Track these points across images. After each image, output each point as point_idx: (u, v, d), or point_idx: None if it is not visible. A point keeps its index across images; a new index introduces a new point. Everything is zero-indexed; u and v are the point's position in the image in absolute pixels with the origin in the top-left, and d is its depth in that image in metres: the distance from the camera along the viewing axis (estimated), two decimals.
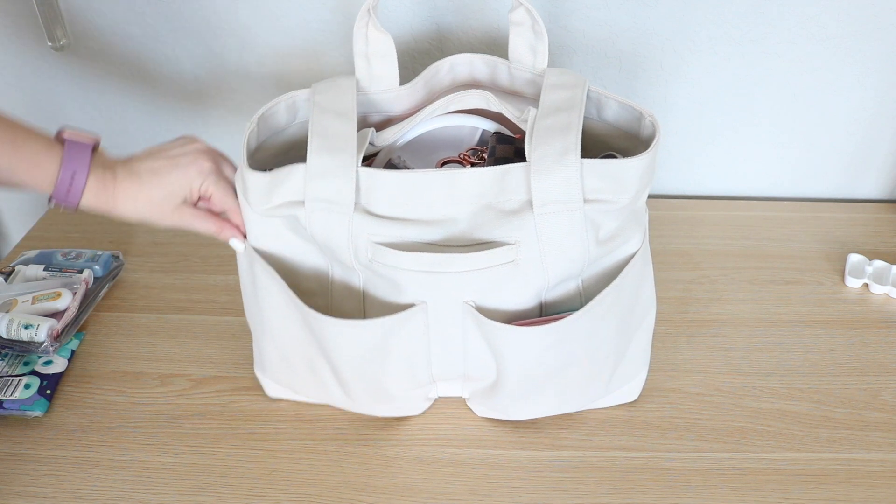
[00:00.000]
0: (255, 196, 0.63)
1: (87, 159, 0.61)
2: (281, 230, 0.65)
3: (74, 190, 0.60)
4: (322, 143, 0.61)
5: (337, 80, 0.67)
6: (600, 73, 0.97)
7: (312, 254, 0.67)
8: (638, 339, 0.71)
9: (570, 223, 0.61)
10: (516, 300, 0.65)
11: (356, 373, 0.67)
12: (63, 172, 0.60)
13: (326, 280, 0.68)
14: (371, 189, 0.61)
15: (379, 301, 0.66)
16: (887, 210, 1.03)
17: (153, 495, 0.67)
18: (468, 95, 0.68)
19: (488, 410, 0.73)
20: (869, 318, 0.85)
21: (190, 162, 0.65)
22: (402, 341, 0.65)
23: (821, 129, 1.01)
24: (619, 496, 0.66)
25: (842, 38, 0.94)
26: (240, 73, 1.00)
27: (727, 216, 1.02)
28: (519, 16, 0.68)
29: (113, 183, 0.62)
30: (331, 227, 0.62)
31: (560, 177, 0.59)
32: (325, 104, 0.64)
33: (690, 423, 0.73)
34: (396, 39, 0.95)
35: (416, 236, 0.62)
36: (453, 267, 0.61)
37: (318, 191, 0.61)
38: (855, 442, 0.71)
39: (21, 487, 0.67)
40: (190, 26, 0.96)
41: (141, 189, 0.63)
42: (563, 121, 0.61)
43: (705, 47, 0.95)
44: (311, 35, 0.96)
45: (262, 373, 0.74)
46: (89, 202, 0.62)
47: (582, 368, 0.67)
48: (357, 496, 0.66)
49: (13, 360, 0.78)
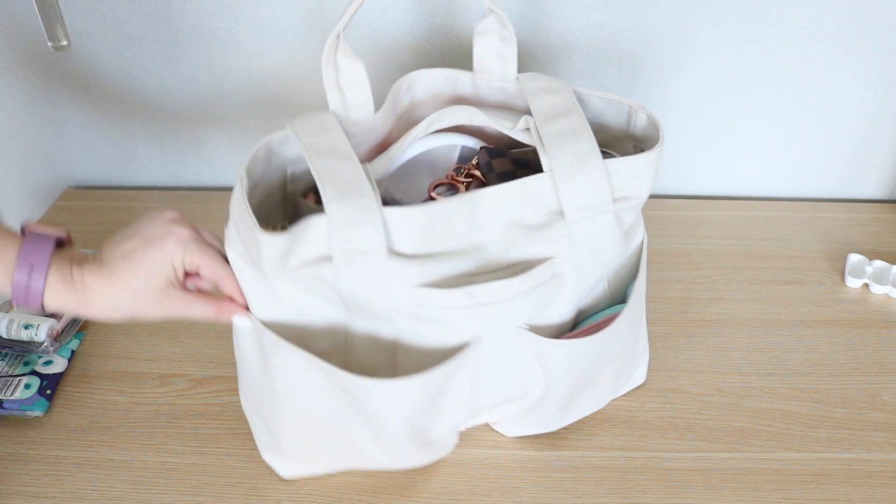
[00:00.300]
0: (271, 261, 0.55)
1: (48, 254, 0.53)
2: (290, 293, 0.58)
3: (34, 290, 0.53)
4: (337, 191, 0.55)
5: (314, 117, 0.61)
6: (600, 73, 0.97)
7: (327, 312, 0.59)
8: (643, 322, 0.72)
9: (603, 226, 0.61)
10: (561, 313, 0.63)
11: (404, 427, 0.61)
12: (18, 270, 0.52)
13: (343, 337, 0.61)
14: (395, 229, 0.56)
15: (418, 348, 0.60)
16: (887, 210, 1.03)
17: (153, 495, 0.67)
18: (451, 113, 0.64)
19: (523, 428, 0.70)
20: (869, 318, 0.85)
21: (164, 234, 0.56)
22: (456, 383, 0.61)
23: (821, 129, 1.01)
24: (619, 496, 0.66)
25: (842, 38, 0.94)
26: (239, 72, 1.00)
27: (727, 216, 1.02)
28: (485, 25, 0.66)
29: (81, 280, 0.54)
30: (364, 279, 0.56)
31: (587, 181, 0.59)
32: (320, 147, 0.58)
33: (690, 423, 0.73)
34: (392, 36, 0.95)
35: (450, 270, 0.58)
36: (504, 293, 0.58)
37: (347, 242, 0.55)
38: (855, 442, 0.71)
39: (21, 487, 0.67)
40: (190, 26, 0.96)
41: (115, 281, 0.55)
42: (570, 125, 0.61)
43: (705, 47, 0.95)
44: (311, 35, 0.96)
45: (277, 455, 0.67)
46: (55, 303, 0.54)
47: (617, 364, 0.68)
48: (357, 496, 0.66)
49: (13, 360, 0.78)
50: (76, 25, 0.97)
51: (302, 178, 0.66)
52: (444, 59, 0.97)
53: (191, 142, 1.06)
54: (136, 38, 0.98)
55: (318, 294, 0.58)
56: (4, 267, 0.53)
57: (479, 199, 0.57)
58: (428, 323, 0.59)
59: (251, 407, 0.66)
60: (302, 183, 0.66)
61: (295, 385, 0.60)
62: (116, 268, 0.55)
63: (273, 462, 0.68)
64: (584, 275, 0.62)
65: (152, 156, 1.08)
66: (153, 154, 1.08)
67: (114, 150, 1.08)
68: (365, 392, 0.58)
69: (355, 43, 0.96)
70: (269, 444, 0.67)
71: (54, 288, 0.54)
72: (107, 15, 0.96)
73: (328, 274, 0.56)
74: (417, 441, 0.63)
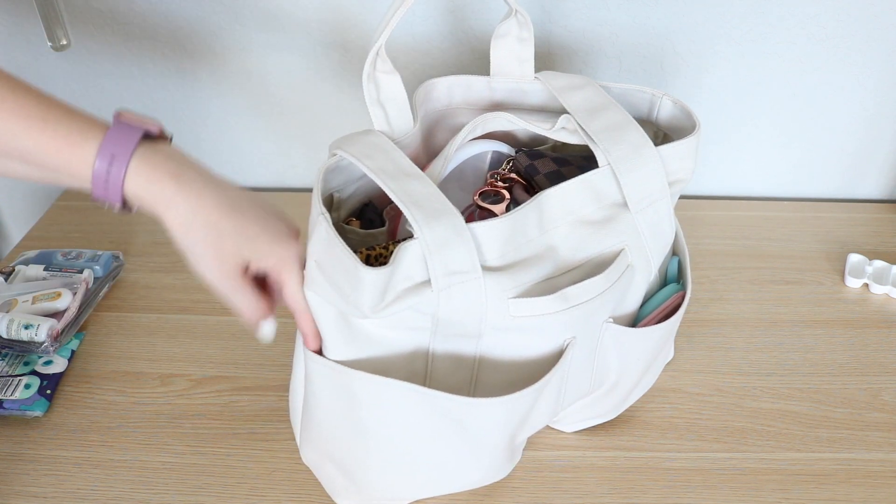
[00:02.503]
0: (371, 297, 0.52)
1: (133, 144, 0.49)
2: (373, 330, 0.55)
3: (113, 179, 0.48)
4: (423, 213, 0.53)
5: (364, 139, 0.59)
6: (600, 72, 0.97)
7: (408, 340, 0.57)
8: None
9: (663, 211, 0.63)
10: (634, 301, 0.65)
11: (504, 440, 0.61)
12: (100, 157, 0.48)
13: (423, 362, 0.58)
14: (483, 244, 0.55)
15: (503, 361, 0.59)
16: (887, 210, 1.03)
17: (153, 495, 0.67)
18: (486, 120, 0.64)
19: (584, 421, 0.71)
20: (869, 318, 0.85)
21: (279, 238, 0.54)
22: (552, 387, 0.60)
23: (821, 129, 1.01)
24: (619, 496, 0.66)
25: (842, 38, 0.94)
26: (239, 73, 1.00)
27: (727, 216, 1.02)
28: (505, 28, 0.67)
29: (177, 179, 0.50)
30: (464, 298, 0.54)
31: (646, 170, 0.61)
32: (387, 169, 0.56)
33: (690, 423, 0.73)
34: (393, 37, 0.95)
35: (534, 277, 0.57)
36: (594, 291, 0.58)
37: (445, 264, 0.52)
38: (855, 442, 0.71)
39: (21, 487, 0.67)
40: (189, 26, 0.96)
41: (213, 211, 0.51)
42: (613, 119, 0.62)
43: (705, 47, 0.95)
44: (311, 34, 0.96)
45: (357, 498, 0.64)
46: (136, 192, 0.49)
47: (667, 344, 0.70)
48: None
49: (13, 360, 0.78)
50: (76, 25, 0.97)
51: (344, 204, 0.65)
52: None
53: (190, 143, 1.06)
54: (136, 38, 0.98)
55: (403, 326, 0.55)
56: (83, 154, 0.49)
57: (546, 200, 0.57)
58: (520, 333, 0.58)
59: (323, 453, 0.63)
60: (344, 209, 0.65)
61: (388, 419, 0.57)
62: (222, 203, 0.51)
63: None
64: (650, 261, 0.64)
65: None
66: None
67: None
68: (469, 412, 0.57)
69: (361, 54, 0.96)
70: (348, 488, 0.64)
71: (136, 179, 0.49)
72: (107, 15, 0.96)
73: (423, 302, 0.53)
74: (509, 452, 0.63)
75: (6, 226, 1.18)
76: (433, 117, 0.70)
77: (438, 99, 0.70)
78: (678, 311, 0.67)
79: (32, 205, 1.14)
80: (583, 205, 0.59)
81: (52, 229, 1.01)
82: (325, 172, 0.58)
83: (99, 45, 0.99)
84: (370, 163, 0.56)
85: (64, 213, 1.04)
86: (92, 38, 0.98)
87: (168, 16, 0.95)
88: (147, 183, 0.49)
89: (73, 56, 1.00)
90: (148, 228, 1.00)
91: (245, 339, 0.82)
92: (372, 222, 0.65)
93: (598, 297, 0.59)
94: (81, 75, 1.01)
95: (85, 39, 0.98)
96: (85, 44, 0.99)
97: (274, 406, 0.75)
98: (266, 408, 0.75)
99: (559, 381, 0.61)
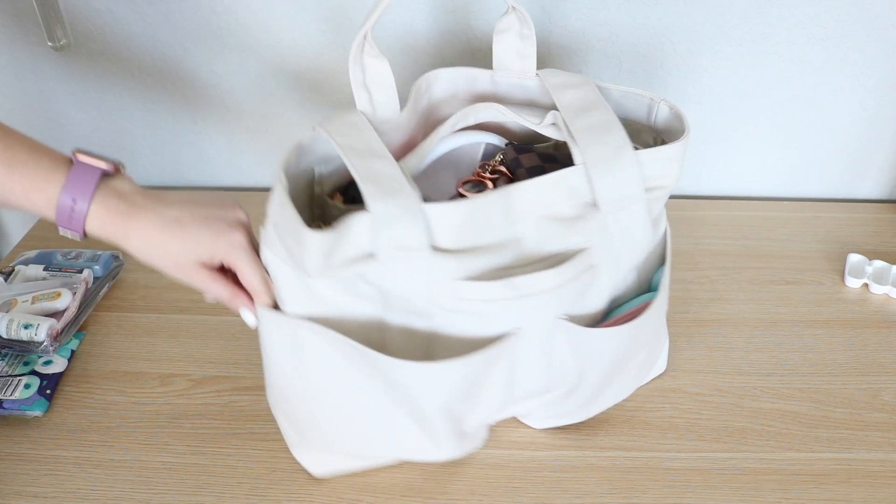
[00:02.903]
0: (313, 258, 0.56)
1: (93, 185, 0.56)
2: (328, 293, 0.58)
3: (76, 217, 0.56)
4: (378, 188, 0.56)
5: (344, 117, 0.62)
6: (600, 72, 0.97)
7: (363, 309, 0.60)
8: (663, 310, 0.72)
9: (636, 216, 0.62)
10: (596, 302, 0.64)
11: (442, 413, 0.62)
12: (63, 197, 0.56)
13: (378, 330, 0.61)
14: (436, 225, 0.57)
15: (456, 339, 0.61)
16: (887, 210, 1.03)
17: (153, 495, 0.67)
18: (477, 110, 0.65)
19: (552, 420, 0.71)
20: (869, 318, 0.85)
21: (224, 231, 0.59)
22: (496, 371, 0.62)
23: (821, 129, 1.01)
24: (619, 496, 0.66)
25: (842, 38, 0.94)
26: (240, 73, 1.00)
27: (727, 216, 1.02)
28: (506, 23, 0.68)
29: (127, 216, 0.58)
30: (408, 274, 0.57)
31: (621, 173, 0.60)
32: (356, 146, 0.59)
33: (690, 423, 0.73)
34: (393, 36, 0.95)
35: (490, 263, 0.59)
36: (543, 285, 0.59)
37: (391, 239, 0.55)
38: (855, 442, 0.71)
39: (21, 487, 0.67)
40: (190, 26, 0.96)
41: (159, 234, 0.58)
42: (598, 119, 0.62)
43: (705, 47, 0.95)
44: (311, 35, 0.96)
45: (309, 450, 0.67)
46: (96, 231, 0.58)
47: (649, 350, 0.69)
48: (357, 496, 0.66)
49: (13, 360, 0.78)
50: (76, 25, 0.97)
51: (328, 179, 0.67)
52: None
53: (190, 142, 1.06)
54: (136, 38, 0.98)
55: (355, 292, 0.58)
56: (48, 195, 0.56)
57: (515, 193, 0.58)
58: (468, 316, 0.59)
59: (279, 405, 0.66)
60: (328, 184, 0.67)
61: (333, 375, 0.60)
62: (165, 224, 0.58)
63: (304, 458, 0.68)
64: (618, 264, 0.63)
65: (152, 156, 1.08)
66: (152, 154, 1.08)
67: (113, 150, 1.08)
68: (403, 375, 0.59)
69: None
70: (300, 440, 0.67)
71: (97, 217, 0.57)
72: (107, 15, 0.96)
73: (370, 271, 0.56)
74: (454, 430, 0.64)
75: (6, 226, 1.18)
76: (436, 105, 0.71)
77: (444, 88, 0.71)
78: (640, 317, 0.65)
79: None
80: (555, 201, 0.60)
81: (52, 229, 1.01)
82: (299, 146, 0.61)
83: (99, 45, 0.99)
84: (341, 139, 0.60)
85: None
86: (92, 38, 0.98)
87: (168, 15, 0.95)
88: (104, 223, 0.58)
89: (73, 56, 1.00)
90: None
91: (245, 339, 0.82)
92: (355, 199, 0.66)
93: (551, 292, 0.59)
94: (81, 75, 1.01)
95: (85, 39, 0.98)
96: (85, 44, 0.99)
97: None
98: (266, 408, 0.74)
99: (505, 370, 0.62)
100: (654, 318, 0.67)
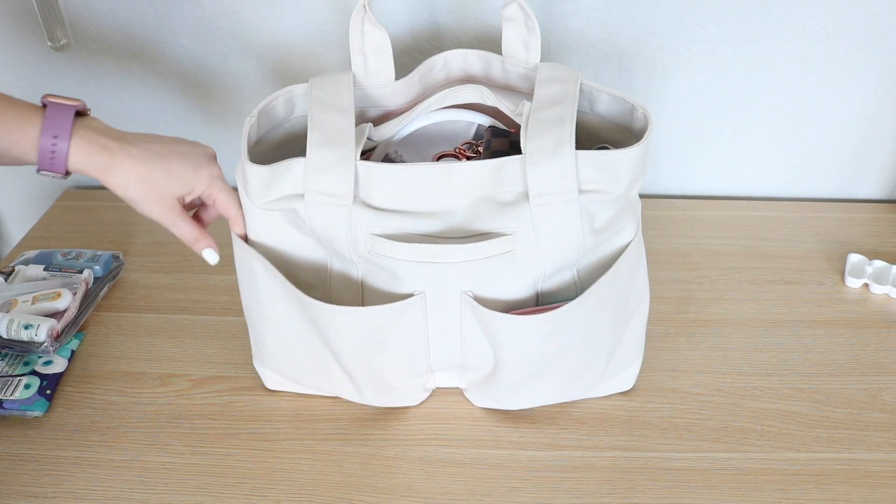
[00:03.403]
0: (255, 189, 0.63)
1: (69, 122, 0.59)
2: (279, 224, 0.66)
3: (58, 155, 0.59)
4: (321, 138, 0.62)
5: (334, 75, 0.68)
6: (600, 72, 0.97)
7: (311, 247, 0.67)
8: (632, 328, 0.72)
9: (566, 214, 0.61)
10: (513, 290, 0.66)
11: (358, 361, 0.68)
12: (44, 137, 0.58)
13: (325, 272, 0.69)
14: (369, 183, 0.62)
15: (378, 291, 0.67)
16: (887, 210, 1.03)
17: (153, 495, 0.67)
18: (464, 90, 0.68)
19: (486, 400, 0.73)
20: (869, 318, 0.85)
21: (202, 163, 0.64)
22: (400, 330, 0.66)
23: (821, 129, 1.01)
24: (619, 496, 0.66)
25: (842, 38, 0.94)
26: (240, 72, 1.00)
27: (727, 216, 1.02)
28: (512, 11, 0.69)
29: (108, 151, 0.60)
30: (330, 220, 0.62)
31: (555, 168, 0.60)
32: (324, 99, 0.65)
33: (690, 423, 0.73)
34: (394, 37, 0.95)
35: (415, 228, 0.63)
36: (451, 257, 0.62)
37: (318, 184, 0.61)
38: (855, 442, 0.71)
39: (21, 487, 0.67)
40: (190, 26, 0.96)
41: (142, 167, 0.61)
42: (557, 113, 0.62)
43: (705, 47, 0.95)
44: (310, 34, 0.96)
45: (262, 364, 0.75)
46: (77, 166, 0.60)
47: (579, 357, 0.68)
48: (357, 496, 0.66)
49: (13, 360, 0.78)
50: (76, 25, 0.97)
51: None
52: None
53: None
54: (136, 38, 0.98)
55: (297, 224, 0.65)
56: (29, 136, 0.58)
57: (457, 170, 0.61)
58: (382, 271, 0.65)
59: (248, 317, 0.72)
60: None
61: (275, 300, 0.68)
62: (147, 157, 0.61)
63: (260, 371, 0.75)
64: (541, 258, 0.64)
65: None
66: None
67: None
68: (318, 315, 0.66)
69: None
70: (258, 355, 0.74)
71: (78, 152, 0.59)
72: (107, 15, 0.96)
73: (300, 209, 0.63)
74: (375, 381, 0.70)
75: (6, 226, 1.18)
76: (451, 82, 0.75)
77: (462, 68, 0.74)
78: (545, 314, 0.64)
79: (32, 205, 1.14)
80: (493, 185, 0.62)
81: (52, 229, 1.01)
82: (295, 93, 0.69)
83: (99, 45, 0.99)
84: (317, 92, 0.66)
85: (64, 213, 1.04)
86: (92, 38, 0.98)
87: (168, 15, 0.95)
88: (87, 157, 0.60)
89: (73, 56, 1.00)
90: (148, 228, 1.00)
91: (245, 339, 0.82)
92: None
93: (455, 266, 0.62)
94: (81, 75, 1.01)
95: (85, 39, 0.98)
96: (85, 44, 0.99)
97: (274, 406, 0.75)
98: (266, 408, 0.75)
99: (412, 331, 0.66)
100: (577, 322, 0.65)
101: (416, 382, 0.72)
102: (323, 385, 0.73)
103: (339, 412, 0.74)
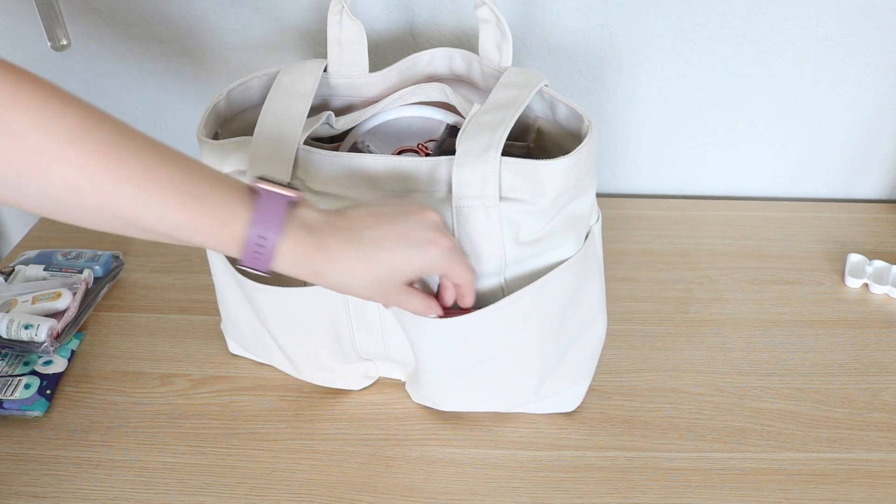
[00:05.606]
0: (210, 161, 0.66)
1: (282, 219, 0.51)
2: None
3: (264, 255, 0.51)
4: (272, 121, 0.65)
5: (307, 63, 0.71)
6: (600, 73, 0.97)
7: None
8: (577, 349, 0.70)
9: (485, 219, 0.61)
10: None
11: (288, 339, 0.70)
12: (251, 235, 0.50)
13: None
14: (308, 167, 0.64)
15: None
16: (887, 210, 1.03)
17: (153, 495, 0.67)
18: (428, 87, 0.70)
19: (419, 397, 0.74)
20: (869, 318, 0.85)
21: (427, 240, 0.55)
22: (322, 314, 0.67)
23: (821, 129, 1.01)
24: (619, 496, 0.66)
25: (842, 38, 0.94)
26: (241, 72, 1.00)
27: (727, 216, 1.02)
28: (485, 13, 0.70)
29: (318, 251, 0.52)
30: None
31: (478, 172, 0.59)
32: (287, 84, 0.68)
33: (690, 423, 0.73)
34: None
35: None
36: None
37: (255, 166, 0.63)
38: (855, 442, 0.71)
39: (21, 487, 0.67)
40: (190, 26, 0.96)
41: (362, 266, 0.53)
42: (496, 118, 0.62)
43: (705, 47, 0.95)
44: (310, 34, 0.96)
45: (225, 330, 0.79)
46: (284, 268, 0.52)
47: (502, 367, 0.67)
48: (357, 496, 0.66)
49: (13, 360, 0.78)
50: (76, 25, 0.97)
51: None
52: None
53: (191, 142, 1.06)
54: (136, 38, 0.98)
55: None
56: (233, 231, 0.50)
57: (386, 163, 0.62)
58: None
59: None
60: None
61: (218, 275, 0.71)
62: (367, 251, 0.53)
63: (226, 334, 0.80)
64: None
65: None
66: None
67: None
68: (250, 294, 0.68)
69: None
70: (223, 322, 0.79)
71: (286, 255, 0.52)
72: (107, 15, 0.96)
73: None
74: (310, 360, 0.72)
75: (6, 226, 1.18)
76: (435, 79, 0.76)
77: (447, 66, 0.75)
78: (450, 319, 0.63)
79: None
80: (428, 182, 0.62)
81: (52, 229, 1.01)
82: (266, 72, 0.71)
83: (99, 45, 0.99)
84: (285, 77, 0.69)
85: None
86: (92, 38, 0.98)
87: (168, 15, 0.95)
88: (295, 260, 0.52)
89: (73, 56, 1.00)
90: None
91: None
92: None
93: None
94: (81, 75, 1.01)
95: (85, 39, 0.98)
96: (85, 44, 0.99)
97: (274, 406, 0.75)
98: (266, 408, 0.75)
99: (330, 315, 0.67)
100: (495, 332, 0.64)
101: (354, 368, 0.73)
102: (269, 358, 0.77)
103: (339, 412, 0.74)
